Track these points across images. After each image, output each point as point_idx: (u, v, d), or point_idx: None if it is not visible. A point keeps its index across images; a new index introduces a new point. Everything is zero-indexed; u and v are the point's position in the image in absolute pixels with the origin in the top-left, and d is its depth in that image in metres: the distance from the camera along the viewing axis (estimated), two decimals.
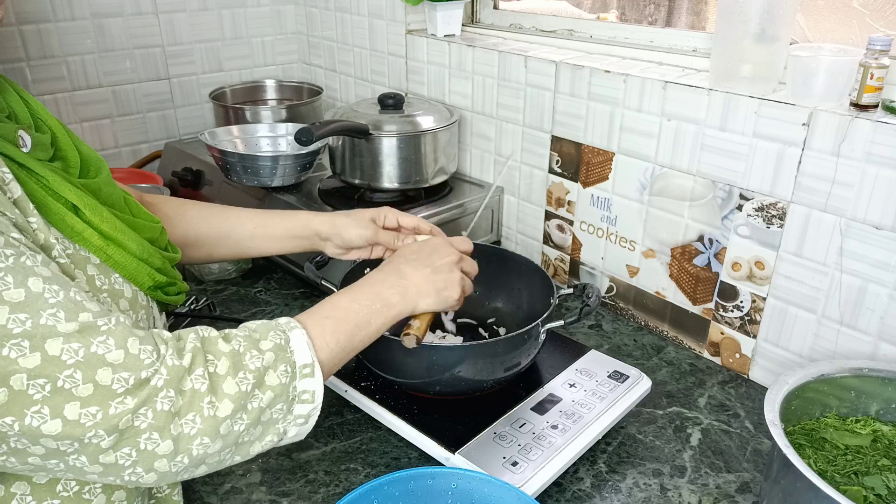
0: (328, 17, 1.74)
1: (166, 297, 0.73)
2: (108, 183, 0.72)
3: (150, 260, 0.70)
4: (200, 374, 0.58)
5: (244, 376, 0.60)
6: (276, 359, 0.63)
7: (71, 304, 0.54)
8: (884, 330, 0.91)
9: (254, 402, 0.61)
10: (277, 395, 0.62)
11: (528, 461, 0.81)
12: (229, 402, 0.59)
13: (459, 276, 0.85)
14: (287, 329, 0.67)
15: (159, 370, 0.56)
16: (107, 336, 0.55)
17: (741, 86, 0.98)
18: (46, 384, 0.51)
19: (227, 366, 0.60)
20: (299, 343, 0.66)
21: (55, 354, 0.52)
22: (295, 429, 0.66)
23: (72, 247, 0.62)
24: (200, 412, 0.57)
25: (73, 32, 1.53)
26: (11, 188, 0.57)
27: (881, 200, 0.86)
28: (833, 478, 0.75)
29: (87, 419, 0.53)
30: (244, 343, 0.63)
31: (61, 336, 0.52)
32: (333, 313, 0.72)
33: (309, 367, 0.65)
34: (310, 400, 0.65)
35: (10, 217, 0.55)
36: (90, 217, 0.64)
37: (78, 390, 0.52)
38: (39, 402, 0.51)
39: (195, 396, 0.57)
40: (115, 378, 0.54)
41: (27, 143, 0.65)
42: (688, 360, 1.13)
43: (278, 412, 0.63)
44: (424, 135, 1.29)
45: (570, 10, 1.53)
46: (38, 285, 0.52)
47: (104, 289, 0.64)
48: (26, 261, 0.53)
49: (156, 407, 0.55)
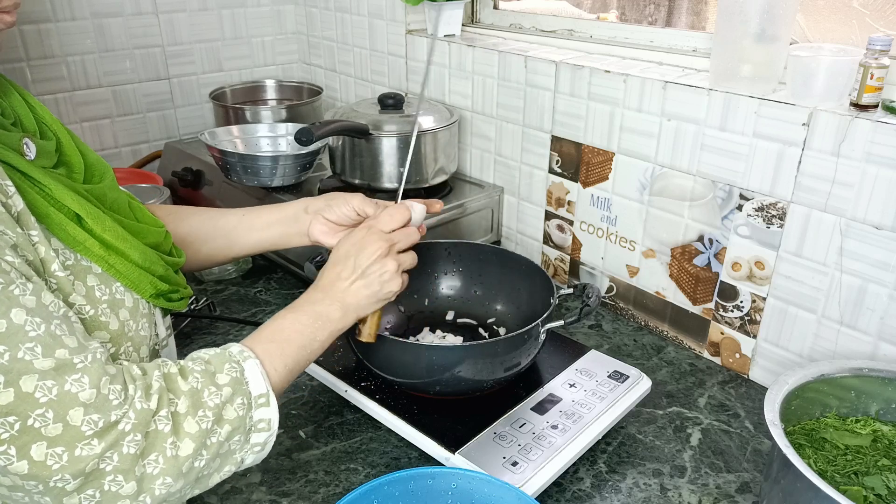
0: (328, 17, 1.74)
1: (169, 304, 0.73)
2: (112, 188, 0.72)
3: (153, 268, 0.70)
4: (164, 415, 0.59)
5: (204, 414, 0.61)
6: (233, 393, 0.64)
7: (49, 339, 0.53)
8: (884, 330, 0.91)
9: (213, 438, 0.61)
10: (235, 428, 0.63)
11: (528, 461, 0.81)
12: (190, 441, 0.59)
13: (394, 268, 0.81)
14: (241, 360, 0.67)
15: (127, 413, 0.56)
16: (81, 374, 0.54)
17: (741, 86, 0.98)
18: (16, 422, 0.51)
19: (188, 405, 0.60)
20: (253, 374, 0.66)
21: (29, 391, 0.51)
22: (252, 456, 0.67)
23: (72, 257, 0.62)
24: (163, 452, 0.58)
25: (73, 32, 1.53)
26: (14, 201, 0.57)
27: (881, 200, 0.86)
28: (833, 478, 0.75)
29: (54, 461, 0.53)
30: (202, 379, 0.63)
31: (37, 373, 0.52)
32: (277, 336, 0.72)
33: (264, 397, 0.66)
34: (266, 428, 0.66)
35: (9, 236, 0.54)
36: (92, 226, 0.63)
37: (47, 430, 0.52)
38: (6, 442, 0.51)
39: (158, 437, 0.58)
40: (84, 419, 0.54)
41: (32, 152, 0.65)
42: (688, 360, 1.13)
43: (236, 443, 0.64)
44: (424, 135, 1.29)
45: (570, 10, 1.53)
46: (20, 317, 0.52)
47: (104, 299, 0.63)
48: (14, 290, 0.52)
49: (122, 451, 0.55)
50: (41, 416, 0.52)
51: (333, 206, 0.90)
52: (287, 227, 0.93)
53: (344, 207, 0.90)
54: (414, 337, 1.07)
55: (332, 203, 0.91)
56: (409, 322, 1.10)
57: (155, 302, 0.71)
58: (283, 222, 0.93)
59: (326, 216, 0.91)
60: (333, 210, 0.90)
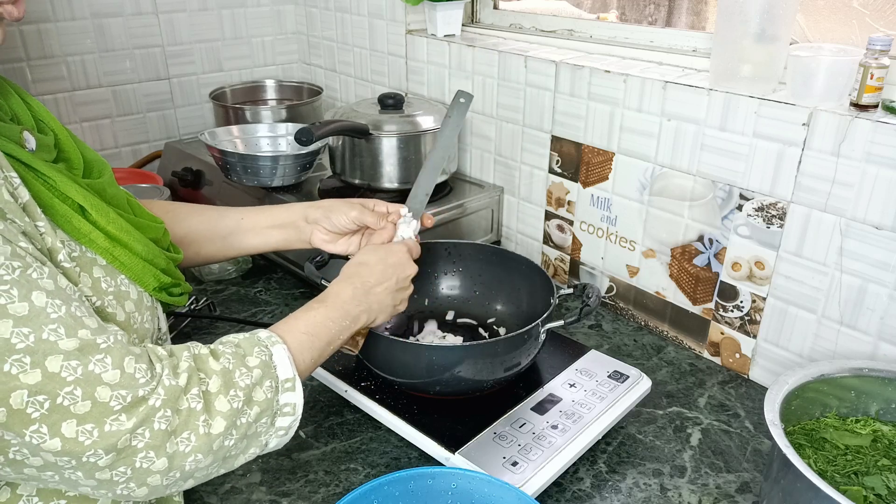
0: (328, 17, 1.74)
1: (170, 298, 0.73)
2: (111, 184, 0.72)
3: (156, 261, 0.70)
4: (196, 394, 0.59)
5: (235, 394, 0.62)
6: (262, 375, 0.65)
7: (71, 320, 0.54)
8: (884, 330, 0.91)
9: (243, 418, 0.62)
10: (263, 410, 0.64)
11: (528, 461, 0.81)
12: (222, 419, 0.60)
13: (410, 292, 0.90)
14: (269, 344, 0.68)
15: (156, 390, 0.57)
16: (105, 354, 0.55)
17: (741, 86, 0.98)
18: (46, 401, 0.52)
19: (219, 384, 0.61)
20: (281, 358, 0.68)
21: (55, 371, 0.52)
22: (276, 440, 0.68)
23: (78, 249, 0.62)
24: (196, 430, 0.59)
25: (73, 32, 1.53)
26: (20, 192, 0.57)
27: (881, 200, 0.86)
28: (833, 478, 0.75)
29: (85, 437, 0.53)
30: (232, 360, 0.64)
31: (62, 353, 0.53)
32: (310, 329, 0.74)
33: (290, 382, 0.67)
34: (291, 412, 0.67)
35: (18, 224, 0.55)
36: (96, 218, 0.64)
37: (76, 407, 0.53)
38: (38, 421, 0.52)
39: (191, 415, 0.58)
40: (112, 395, 0.54)
41: (32, 144, 0.65)
42: (688, 360, 1.13)
43: (262, 426, 0.65)
44: (424, 135, 1.29)
45: (570, 10, 1.53)
46: (41, 299, 0.53)
47: (110, 291, 0.64)
48: (32, 273, 0.53)
49: (153, 426, 0.56)
50: (70, 393, 0.53)
51: (332, 218, 0.93)
52: (287, 234, 0.95)
53: (342, 219, 0.93)
54: (414, 337, 1.07)
55: (329, 215, 0.93)
56: (409, 322, 1.10)
57: (157, 295, 0.71)
58: (283, 229, 0.95)
59: (325, 227, 0.93)
60: (331, 221, 0.93)
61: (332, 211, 0.93)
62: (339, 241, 0.95)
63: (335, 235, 0.94)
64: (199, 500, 0.84)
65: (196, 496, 0.84)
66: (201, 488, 0.85)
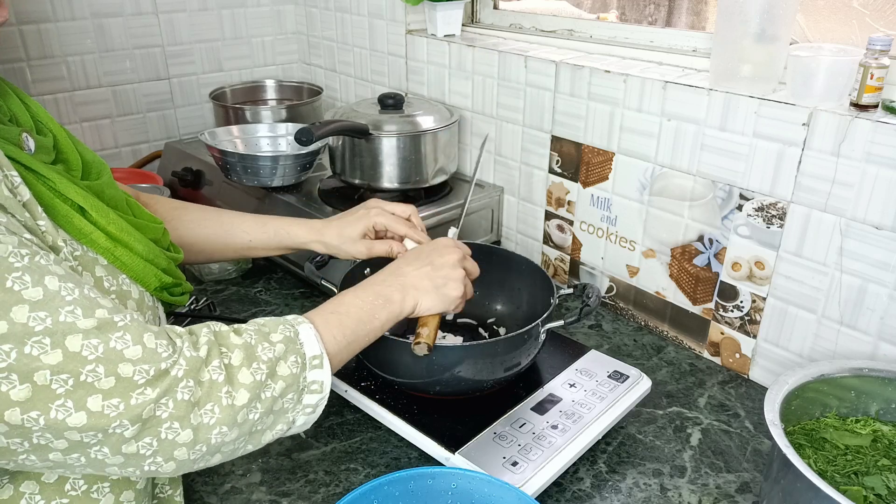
0: (328, 17, 1.74)
1: (171, 298, 0.73)
2: (110, 185, 0.72)
3: (156, 261, 0.71)
4: (217, 366, 0.60)
5: (258, 367, 0.62)
6: (286, 350, 0.65)
7: (86, 301, 0.54)
8: (884, 330, 0.91)
9: (267, 392, 0.62)
10: (289, 385, 0.64)
11: (528, 461, 0.81)
12: (245, 391, 0.60)
13: (461, 274, 0.86)
14: (295, 323, 0.69)
15: (178, 361, 0.57)
16: (124, 332, 0.55)
17: (741, 86, 0.98)
18: (69, 379, 0.52)
19: (241, 357, 0.62)
20: (308, 336, 0.68)
21: (76, 350, 0.52)
22: (303, 418, 0.68)
23: (79, 248, 0.63)
24: (219, 402, 0.59)
25: (73, 32, 1.53)
26: (21, 191, 0.57)
27: (881, 200, 0.86)
28: (833, 478, 0.75)
29: (111, 409, 0.54)
30: (255, 336, 0.64)
31: (81, 332, 0.53)
32: (337, 308, 0.74)
33: (318, 359, 0.67)
34: (318, 390, 0.67)
35: (20, 220, 0.55)
36: (97, 218, 0.64)
37: (100, 383, 0.53)
38: (63, 396, 0.52)
39: (213, 387, 0.59)
40: (136, 370, 0.55)
41: (31, 146, 0.65)
42: (688, 360, 1.13)
43: (289, 402, 0.65)
44: (424, 135, 1.29)
45: (570, 10, 1.53)
46: (54, 283, 0.53)
47: (112, 290, 0.64)
48: (41, 259, 0.53)
49: (176, 397, 0.56)
50: (92, 371, 0.53)
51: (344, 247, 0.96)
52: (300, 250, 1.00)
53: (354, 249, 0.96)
54: None
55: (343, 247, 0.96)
56: (410, 322, 1.10)
57: (159, 295, 0.71)
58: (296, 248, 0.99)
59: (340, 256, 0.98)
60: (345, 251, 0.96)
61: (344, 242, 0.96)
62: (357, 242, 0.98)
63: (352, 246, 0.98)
64: (199, 501, 0.84)
65: (196, 496, 0.84)
66: (201, 488, 0.85)
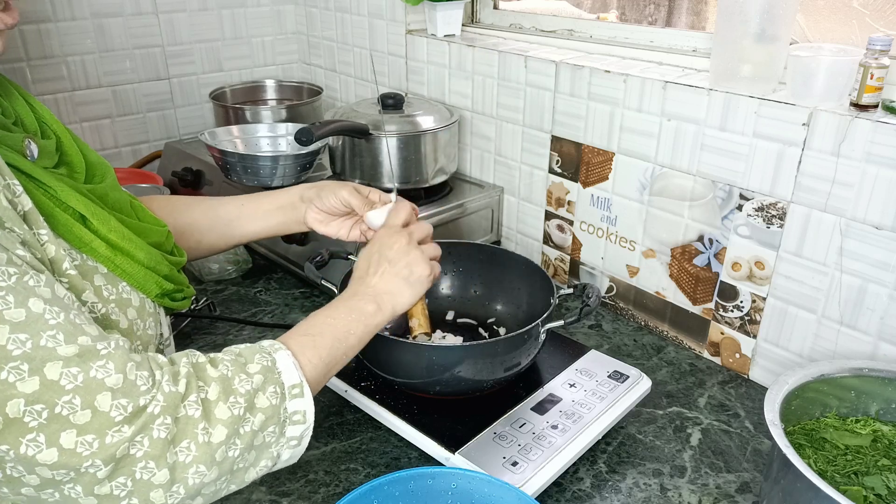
0: (328, 17, 1.74)
1: (173, 304, 0.73)
2: (114, 188, 0.72)
3: (158, 268, 0.70)
4: (194, 400, 0.58)
5: (235, 400, 0.60)
6: (264, 381, 0.63)
7: (70, 327, 0.53)
8: (884, 330, 0.91)
9: (246, 426, 0.60)
10: (269, 417, 0.62)
11: (528, 461, 0.81)
12: (222, 427, 0.58)
13: (418, 253, 0.83)
14: (272, 351, 0.66)
15: (156, 397, 0.55)
16: (106, 360, 0.54)
17: (741, 86, 0.98)
18: (44, 410, 0.50)
19: (218, 391, 0.60)
20: (286, 364, 0.66)
21: (54, 379, 0.51)
22: (288, 451, 0.65)
23: (79, 257, 0.62)
24: (195, 439, 0.57)
25: (73, 32, 1.52)
26: (22, 201, 0.57)
27: (881, 200, 0.86)
28: (833, 478, 0.75)
29: (84, 448, 0.52)
30: (231, 367, 0.62)
31: (61, 360, 0.51)
32: (311, 330, 0.72)
33: (298, 388, 0.65)
34: (301, 420, 0.65)
35: (17, 234, 0.54)
36: (97, 226, 0.63)
37: (75, 417, 0.51)
38: (35, 430, 0.50)
39: (189, 423, 0.57)
40: (113, 405, 0.53)
41: (34, 153, 0.65)
42: (688, 360, 1.13)
43: (270, 435, 0.63)
44: (424, 135, 1.29)
45: (570, 10, 1.53)
46: (38, 306, 0.51)
47: (112, 299, 0.63)
48: (29, 280, 0.52)
49: (152, 434, 0.54)
50: (68, 402, 0.51)
51: (323, 197, 0.93)
52: (285, 216, 0.95)
53: (332, 198, 0.93)
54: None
55: (322, 193, 0.94)
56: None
57: (160, 301, 0.71)
58: (281, 211, 0.96)
59: (318, 206, 0.94)
60: (323, 200, 0.93)
61: (324, 189, 0.94)
62: (332, 222, 0.95)
63: (328, 216, 0.95)
64: None
65: None
66: None
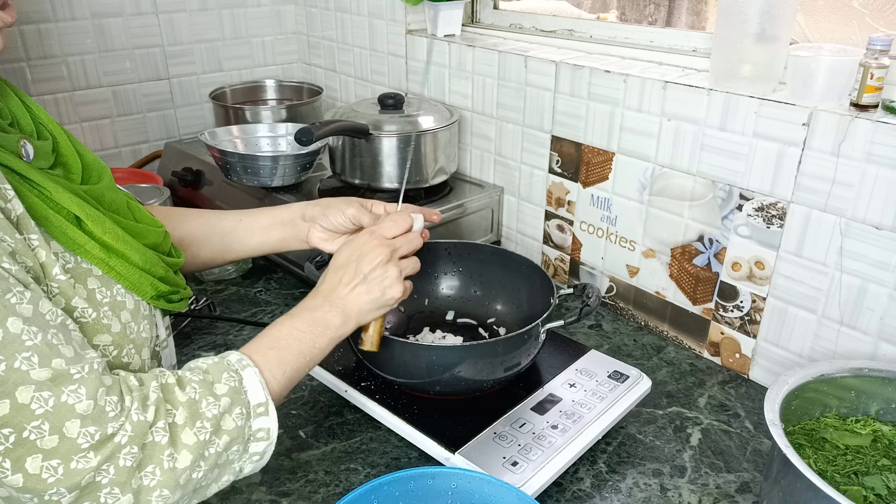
0: (328, 17, 1.74)
1: (169, 305, 0.72)
2: (110, 188, 0.71)
3: (153, 269, 0.69)
4: (161, 427, 0.58)
5: (202, 425, 0.60)
6: (231, 403, 0.63)
7: (46, 349, 0.53)
8: (884, 330, 0.91)
9: (211, 449, 0.61)
10: (234, 438, 0.63)
11: (528, 461, 0.81)
12: (188, 452, 0.59)
13: (396, 273, 0.81)
14: (239, 368, 0.66)
15: (124, 426, 0.56)
16: (78, 385, 0.54)
17: (741, 86, 0.98)
18: (11, 434, 0.51)
19: (185, 416, 0.60)
20: (252, 382, 0.66)
21: (25, 403, 0.51)
22: (251, 465, 0.67)
23: (73, 260, 0.62)
24: (160, 465, 0.57)
25: (73, 32, 1.53)
26: (13, 205, 0.56)
27: (881, 200, 0.86)
28: (833, 478, 0.76)
29: (49, 474, 0.52)
30: (199, 389, 0.62)
31: (33, 384, 0.51)
32: (276, 343, 0.72)
33: (263, 406, 0.66)
34: (265, 437, 0.66)
35: (7, 243, 0.54)
36: (92, 228, 0.63)
37: (42, 442, 0.52)
38: (2, 455, 0.51)
39: (155, 449, 0.57)
40: (81, 432, 0.53)
41: (30, 153, 0.64)
42: (688, 360, 1.13)
43: (234, 453, 0.64)
44: (424, 135, 1.29)
45: (570, 10, 1.53)
46: (17, 326, 0.51)
47: (105, 302, 0.63)
48: (11, 298, 0.52)
49: (118, 463, 0.55)
50: (37, 427, 0.51)
51: (329, 215, 0.91)
52: (285, 233, 0.93)
53: (340, 217, 0.90)
54: (414, 337, 1.07)
55: (327, 212, 0.91)
56: (409, 322, 1.10)
57: (155, 303, 0.70)
58: (281, 227, 0.93)
59: (323, 225, 0.91)
60: (329, 219, 0.91)
61: (329, 208, 0.91)
62: (337, 240, 0.92)
63: (332, 234, 0.92)
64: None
65: None
66: None
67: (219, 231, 0.93)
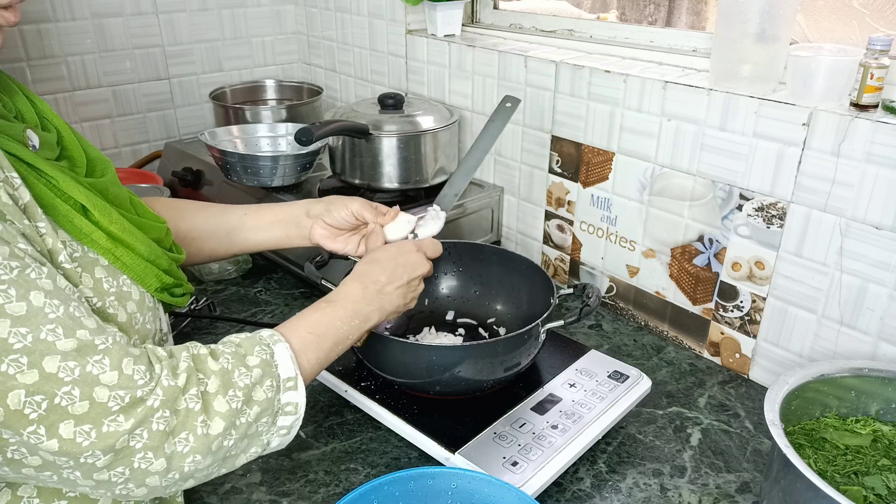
0: (328, 17, 1.74)
1: (172, 299, 0.73)
2: (114, 183, 0.71)
3: (158, 261, 0.70)
4: (194, 394, 0.59)
5: (234, 394, 0.62)
6: (262, 374, 0.64)
7: (69, 321, 0.54)
8: (884, 330, 0.91)
9: (242, 418, 0.62)
10: (264, 409, 0.64)
11: (528, 461, 0.81)
12: (220, 420, 0.60)
13: (420, 291, 0.88)
14: (271, 343, 0.68)
15: (155, 390, 0.57)
16: (103, 355, 0.55)
17: (741, 86, 0.98)
18: (43, 401, 0.52)
19: (218, 384, 0.61)
20: (283, 357, 0.67)
21: (52, 372, 0.52)
22: (278, 439, 0.68)
23: (80, 249, 0.62)
24: (194, 431, 0.58)
25: (73, 32, 1.53)
26: (21, 193, 0.57)
27: (881, 200, 0.86)
28: (833, 478, 0.76)
29: (83, 438, 0.53)
30: (232, 360, 0.64)
31: (59, 354, 0.53)
32: (316, 329, 0.73)
33: (292, 381, 0.67)
34: (293, 412, 0.67)
35: (17, 226, 0.55)
36: (98, 218, 0.64)
37: (74, 407, 0.53)
38: (35, 422, 0.52)
39: (189, 416, 0.58)
40: (111, 395, 0.54)
41: (35, 143, 0.65)
42: (688, 360, 1.13)
43: (263, 425, 0.65)
44: (424, 135, 1.29)
45: (570, 10, 1.53)
46: (39, 299, 0.52)
47: (111, 291, 0.64)
48: (30, 273, 0.53)
49: (151, 427, 0.56)
50: (67, 393, 0.53)
51: (332, 211, 0.92)
52: (289, 230, 0.94)
53: (342, 212, 0.92)
54: (414, 337, 1.07)
55: (331, 208, 0.93)
56: (409, 322, 1.10)
57: (159, 296, 0.71)
58: (285, 224, 0.94)
59: (326, 221, 0.93)
60: (332, 215, 0.92)
61: (333, 204, 0.93)
62: (339, 237, 0.94)
63: (335, 231, 0.94)
64: (199, 500, 0.84)
65: (196, 496, 0.84)
66: (201, 488, 0.85)
67: (223, 225, 0.94)
